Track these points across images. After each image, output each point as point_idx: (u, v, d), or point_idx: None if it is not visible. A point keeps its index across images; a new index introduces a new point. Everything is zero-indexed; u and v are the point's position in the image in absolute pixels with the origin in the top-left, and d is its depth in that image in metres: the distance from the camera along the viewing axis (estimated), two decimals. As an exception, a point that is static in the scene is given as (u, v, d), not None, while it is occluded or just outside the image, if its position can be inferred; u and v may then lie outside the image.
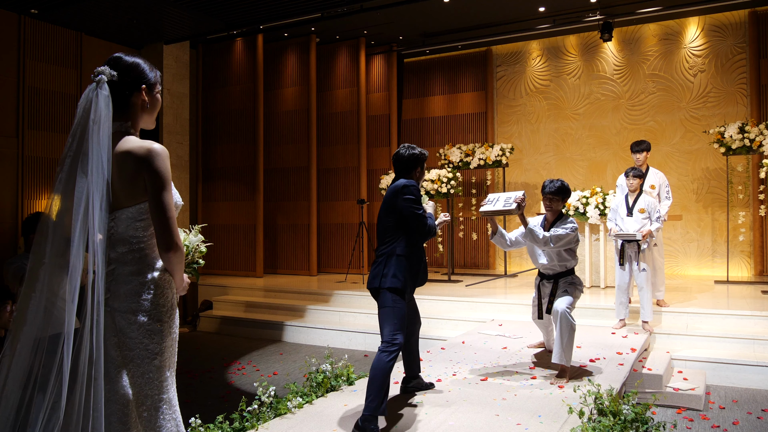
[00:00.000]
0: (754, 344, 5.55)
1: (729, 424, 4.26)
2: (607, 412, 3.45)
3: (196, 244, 2.47)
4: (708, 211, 9.35)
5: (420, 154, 3.73)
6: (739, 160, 8.98)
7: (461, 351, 5.27)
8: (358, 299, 7.91)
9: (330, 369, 4.32)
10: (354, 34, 10.37)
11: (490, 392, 4.05)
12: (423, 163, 3.75)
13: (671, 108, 9.62)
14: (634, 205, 6.03)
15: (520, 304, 6.96)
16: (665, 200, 6.66)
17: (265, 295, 8.89)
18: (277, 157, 10.74)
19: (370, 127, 10.98)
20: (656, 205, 6.03)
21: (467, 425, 3.45)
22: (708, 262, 9.32)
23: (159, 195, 2.06)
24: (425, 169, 4.00)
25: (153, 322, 2.09)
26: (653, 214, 5.95)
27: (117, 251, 2.09)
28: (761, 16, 8.99)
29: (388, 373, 3.40)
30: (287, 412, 3.71)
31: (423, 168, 3.77)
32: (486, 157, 9.56)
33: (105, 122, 1.99)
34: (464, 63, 11.10)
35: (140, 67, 2.17)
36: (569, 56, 10.36)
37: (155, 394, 2.09)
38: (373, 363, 3.43)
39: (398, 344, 3.46)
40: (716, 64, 9.34)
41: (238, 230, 10.45)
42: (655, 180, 6.64)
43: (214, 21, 8.94)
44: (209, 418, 3.61)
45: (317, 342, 7.28)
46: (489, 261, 10.78)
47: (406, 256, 3.58)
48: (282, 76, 10.74)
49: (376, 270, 3.61)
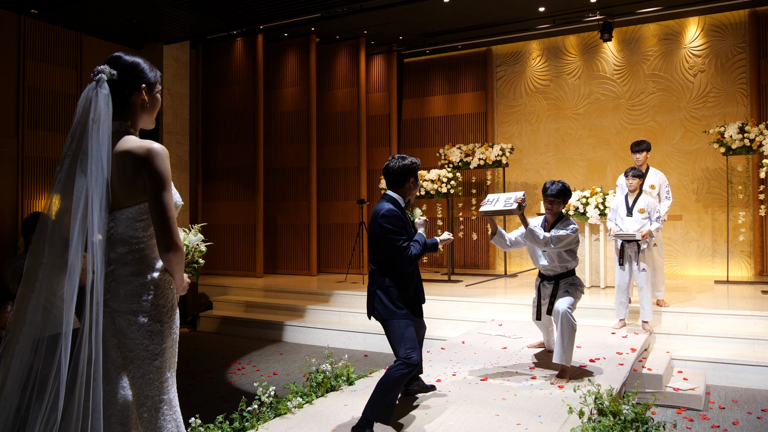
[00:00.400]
0: (754, 344, 5.55)
1: (729, 424, 4.26)
2: (607, 412, 3.45)
3: (195, 244, 2.46)
4: (708, 211, 9.35)
5: (411, 164, 3.59)
6: (739, 160, 8.98)
7: (461, 351, 5.26)
8: (358, 299, 7.91)
9: (330, 369, 4.32)
10: (354, 34, 10.37)
11: (490, 392, 4.05)
12: (416, 173, 3.62)
13: (671, 108, 9.62)
14: (633, 205, 6.02)
15: (520, 304, 6.95)
16: (665, 200, 6.66)
17: (265, 295, 8.89)
18: (277, 157, 10.73)
19: (370, 127, 10.97)
20: (656, 205, 6.03)
21: (467, 425, 3.45)
22: (708, 262, 9.32)
23: (159, 195, 2.05)
24: (419, 178, 3.86)
25: (153, 322, 2.08)
26: (653, 214, 5.94)
27: (117, 252, 2.08)
28: (761, 16, 8.99)
29: (396, 384, 3.32)
30: (287, 412, 3.71)
31: (417, 178, 3.64)
32: (486, 157, 9.56)
33: (105, 121, 1.98)
34: (464, 63, 11.10)
35: (140, 66, 2.16)
36: (569, 56, 10.36)
37: (156, 395, 2.08)
38: (383, 377, 3.38)
39: (414, 363, 3.36)
40: (716, 64, 9.33)
41: (238, 230, 10.45)
42: (655, 180, 6.64)
43: (214, 21, 8.94)
44: (209, 418, 3.60)
45: (317, 342, 7.28)
46: (489, 261, 10.77)
47: (395, 285, 3.49)
48: (282, 76, 10.74)
49: (372, 302, 3.55)
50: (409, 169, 3.59)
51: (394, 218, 3.47)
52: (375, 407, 3.31)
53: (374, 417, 3.31)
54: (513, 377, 4.40)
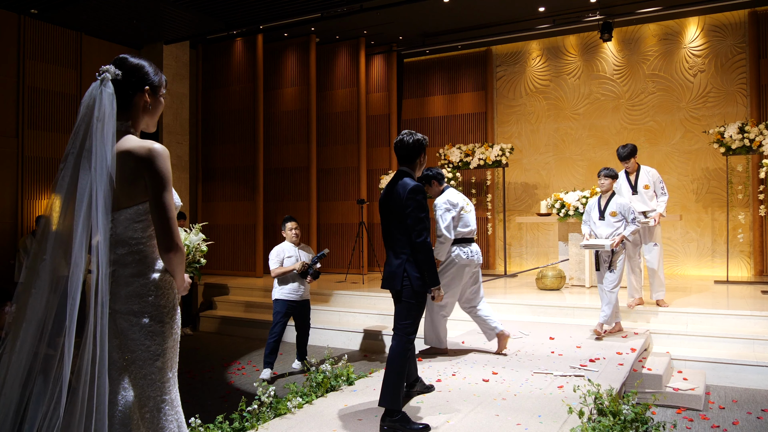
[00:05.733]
0: (753, 344, 5.55)
1: (729, 424, 4.26)
2: (607, 412, 3.45)
3: (196, 243, 2.46)
4: (708, 211, 9.36)
5: (423, 140, 3.69)
6: (739, 160, 8.98)
7: (461, 351, 5.26)
8: (358, 299, 7.91)
9: (330, 369, 4.32)
10: (354, 34, 10.37)
11: (490, 392, 4.05)
12: (425, 150, 3.72)
13: (671, 108, 9.62)
14: (605, 208, 5.76)
15: (520, 304, 6.96)
16: (662, 196, 6.48)
17: (265, 295, 8.88)
18: (277, 157, 10.74)
19: (369, 127, 10.98)
20: (629, 207, 5.74)
21: (467, 425, 3.45)
22: (708, 262, 9.32)
23: (160, 195, 2.05)
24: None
25: (154, 323, 2.08)
26: (628, 215, 5.68)
27: (117, 253, 2.08)
28: (761, 16, 8.99)
29: (405, 361, 3.48)
30: (287, 412, 3.71)
31: (425, 155, 3.73)
32: (486, 157, 9.57)
33: (109, 120, 1.98)
34: (464, 63, 11.11)
35: (145, 68, 2.17)
36: (569, 56, 10.36)
37: (157, 395, 2.08)
38: (391, 352, 3.48)
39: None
40: (716, 64, 9.34)
41: (238, 230, 10.45)
42: (647, 179, 6.45)
43: (214, 21, 8.94)
44: (209, 418, 3.61)
45: (317, 342, 7.28)
46: (489, 261, 10.78)
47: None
48: (282, 76, 10.74)
49: (400, 274, 3.53)
50: (421, 145, 3.67)
51: (424, 196, 3.53)
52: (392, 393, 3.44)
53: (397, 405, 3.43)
54: (513, 377, 4.40)
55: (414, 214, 3.45)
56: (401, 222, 3.51)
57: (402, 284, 3.49)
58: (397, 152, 3.68)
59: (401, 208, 3.49)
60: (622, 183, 6.44)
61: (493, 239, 10.77)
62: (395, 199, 3.54)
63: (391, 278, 3.54)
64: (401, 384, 3.42)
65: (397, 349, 3.47)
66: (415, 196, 3.47)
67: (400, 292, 3.51)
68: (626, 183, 6.42)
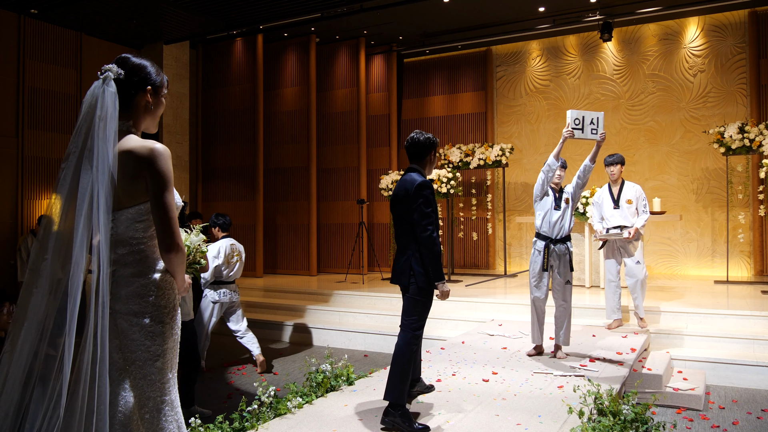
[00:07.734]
0: (753, 344, 5.55)
1: (729, 424, 4.26)
2: (607, 412, 3.45)
3: (197, 244, 2.46)
4: (708, 211, 9.36)
5: (434, 139, 3.77)
6: (739, 160, 8.98)
7: (461, 351, 5.27)
8: (358, 299, 7.91)
9: (330, 369, 4.32)
10: (354, 34, 10.37)
11: (490, 392, 4.05)
12: (436, 149, 3.78)
13: (671, 108, 9.62)
14: (620, 195, 5.55)
15: (520, 304, 6.96)
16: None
17: (265, 295, 8.89)
18: (277, 157, 10.73)
19: (369, 127, 10.98)
20: (643, 193, 5.60)
21: (467, 425, 3.45)
22: (708, 262, 9.32)
23: (161, 195, 2.04)
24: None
25: (155, 323, 2.07)
26: (640, 203, 5.51)
27: (117, 253, 2.07)
28: (761, 16, 8.99)
29: (411, 356, 3.51)
30: (287, 412, 3.71)
31: (436, 154, 3.79)
32: (486, 157, 9.57)
33: (111, 119, 1.98)
34: (464, 63, 11.11)
35: (147, 69, 2.16)
36: (569, 56, 10.36)
37: (157, 396, 2.08)
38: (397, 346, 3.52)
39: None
40: (716, 64, 9.34)
41: (238, 230, 10.44)
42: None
43: (214, 21, 8.94)
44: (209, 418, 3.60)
45: (317, 342, 7.28)
46: (489, 261, 10.78)
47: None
48: (282, 76, 10.74)
49: (407, 269, 3.58)
50: (431, 143, 3.73)
51: (431, 192, 3.56)
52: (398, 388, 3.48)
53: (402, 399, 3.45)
54: (513, 377, 4.41)
55: (420, 209, 3.50)
56: (408, 217, 3.56)
57: (409, 281, 3.55)
58: (408, 150, 3.75)
59: (408, 203, 3.55)
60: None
61: (493, 239, 10.77)
62: (403, 194, 3.60)
63: (399, 274, 3.61)
64: (406, 379, 3.46)
65: (403, 344, 3.52)
66: (422, 191, 3.51)
67: (407, 288, 3.57)
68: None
